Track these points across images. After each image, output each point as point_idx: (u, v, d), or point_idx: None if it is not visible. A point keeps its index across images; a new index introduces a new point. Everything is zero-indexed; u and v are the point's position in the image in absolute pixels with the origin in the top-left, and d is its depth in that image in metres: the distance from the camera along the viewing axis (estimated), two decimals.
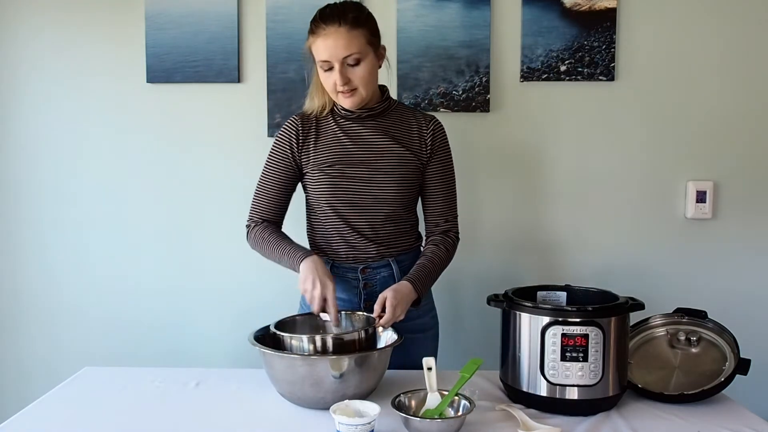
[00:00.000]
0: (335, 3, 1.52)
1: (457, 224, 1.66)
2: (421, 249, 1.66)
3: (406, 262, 1.62)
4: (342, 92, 1.51)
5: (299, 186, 1.64)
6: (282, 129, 1.61)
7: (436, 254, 1.59)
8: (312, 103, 1.61)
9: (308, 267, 1.45)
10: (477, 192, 2.08)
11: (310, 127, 1.59)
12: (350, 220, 1.57)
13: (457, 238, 1.65)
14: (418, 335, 1.60)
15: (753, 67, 2.03)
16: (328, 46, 1.46)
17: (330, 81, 1.50)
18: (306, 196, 1.64)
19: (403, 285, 1.49)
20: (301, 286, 1.45)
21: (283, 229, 1.62)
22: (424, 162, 1.61)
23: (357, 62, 1.48)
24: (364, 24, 1.49)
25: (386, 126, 1.60)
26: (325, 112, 1.60)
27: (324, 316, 1.45)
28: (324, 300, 1.42)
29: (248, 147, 2.04)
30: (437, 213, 1.63)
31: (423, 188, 1.63)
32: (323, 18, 1.48)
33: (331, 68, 1.49)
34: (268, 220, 1.60)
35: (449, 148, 1.65)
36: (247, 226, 1.62)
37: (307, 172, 1.59)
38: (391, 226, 1.59)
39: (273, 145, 1.61)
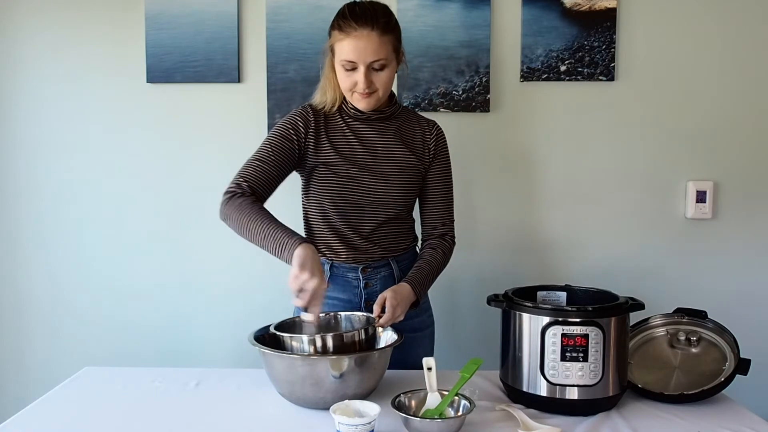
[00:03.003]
0: (363, 2, 1.50)
1: (453, 228, 1.66)
2: (417, 248, 1.67)
3: (405, 261, 1.62)
4: (361, 93, 1.50)
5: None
6: (293, 113, 1.56)
7: (433, 257, 1.59)
8: (324, 98, 1.57)
9: (306, 254, 1.29)
10: (477, 192, 2.08)
11: (320, 120, 1.57)
12: (352, 220, 1.56)
13: (453, 242, 1.66)
14: (415, 334, 1.60)
15: (753, 67, 2.04)
16: (358, 48, 1.44)
17: (350, 81, 1.49)
18: (305, 196, 1.62)
19: (403, 287, 1.50)
20: (295, 271, 1.27)
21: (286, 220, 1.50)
22: (426, 166, 1.61)
23: (382, 67, 1.47)
24: (393, 30, 1.49)
25: (393, 129, 1.59)
26: (335, 108, 1.58)
27: (305, 316, 1.33)
28: (313, 297, 1.29)
29: (248, 147, 2.02)
30: (435, 217, 1.64)
31: (422, 191, 1.64)
32: (355, 17, 1.44)
33: (354, 69, 1.47)
34: (255, 193, 1.45)
35: (448, 153, 1.66)
36: (230, 192, 1.44)
37: (311, 168, 1.56)
38: (392, 227, 1.59)
39: (281, 123, 1.55)
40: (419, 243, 1.68)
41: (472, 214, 2.08)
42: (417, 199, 1.66)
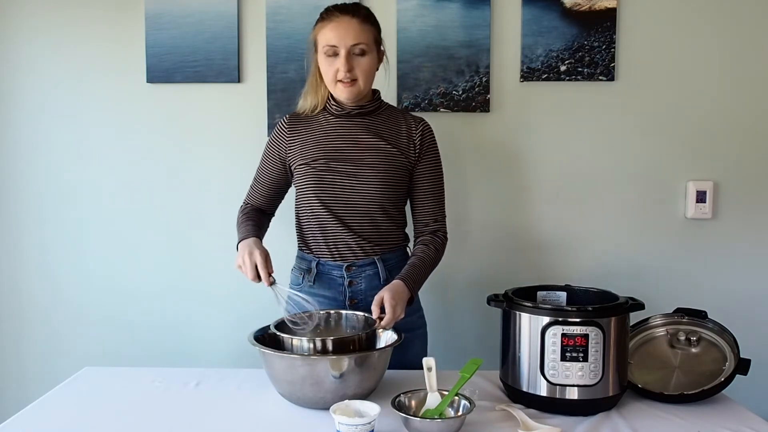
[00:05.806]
0: (346, 3, 1.59)
1: (445, 224, 1.67)
2: (408, 250, 1.67)
3: (391, 261, 1.63)
4: (342, 81, 1.54)
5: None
6: (273, 130, 1.68)
7: (426, 254, 1.60)
8: (305, 103, 1.65)
9: (241, 246, 1.51)
10: (476, 192, 2.08)
11: (299, 125, 1.64)
12: (338, 213, 1.59)
13: (446, 238, 1.66)
14: (406, 335, 1.60)
15: (752, 67, 2.03)
16: (339, 32, 1.52)
17: (332, 68, 1.54)
18: (296, 196, 1.66)
19: (398, 284, 1.49)
20: (236, 263, 1.50)
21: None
22: (412, 161, 1.62)
23: (363, 53, 1.54)
24: (374, 23, 1.59)
25: (374, 124, 1.62)
26: (317, 111, 1.64)
27: (276, 290, 1.46)
28: (255, 267, 1.45)
29: (248, 147, 2.04)
30: (426, 213, 1.65)
31: (412, 189, 1.65)
32: (337, 8, 1.56)
33: (335, 54, 1.53)
34: (257, 207, 1.70)
35: (438, 149, 1.67)
36: (241, 206, 1.72)
37: (295, 169, 1.62)
38: (378, 222, 1.60)
39: (266, 145, 1.69)
40: (410, 244, 1.68)
41: (471, 214, 2.07)
42: (408, 199, 1.67)
